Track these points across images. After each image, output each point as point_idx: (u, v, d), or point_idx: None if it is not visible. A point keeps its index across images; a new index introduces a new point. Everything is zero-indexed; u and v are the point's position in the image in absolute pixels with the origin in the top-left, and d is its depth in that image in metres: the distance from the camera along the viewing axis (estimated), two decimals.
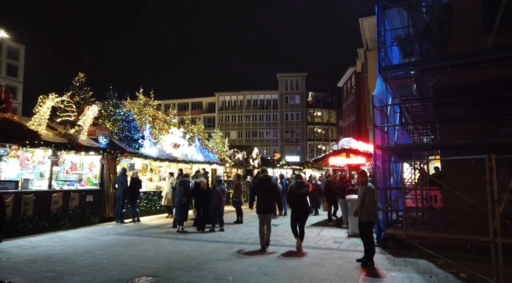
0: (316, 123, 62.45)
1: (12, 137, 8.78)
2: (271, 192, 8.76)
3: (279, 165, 27.95)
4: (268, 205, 8.68)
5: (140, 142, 13.66)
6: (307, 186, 8.65)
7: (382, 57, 10.14)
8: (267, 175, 9.19)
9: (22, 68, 61.12)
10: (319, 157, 14.71)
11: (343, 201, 11.66)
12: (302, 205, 8.58)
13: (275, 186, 9.26)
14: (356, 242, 9.19)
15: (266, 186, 8.76)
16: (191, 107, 66.11)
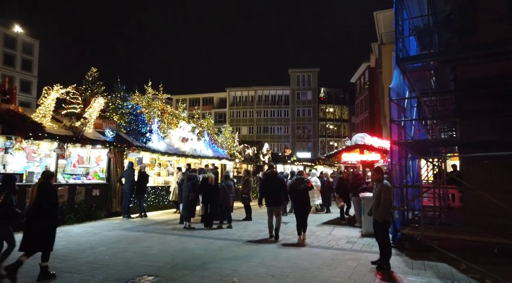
0: (328, 119, 61.65)
1: (15, 129, 8.56)
2: (277, 186, 9.10)
3: (290, 161, 27.49)
4: (275, 199, 9.07)
5: (148, 136, 13.39)
6: (307, 182, 9.01)
7: (400, 48, 9.60)
8: (274, 171, 9.58)
9: (36, 62, 61.70)
10: (331, 153, 14.21)
11: (356, 199, 11.19)
12: (301, 200, 8.98)
13: (282, 180, 9.39)
14: (370, 242, 8.74)
15: (272, 181, 9.14)
16: (202, 102, 66.00)
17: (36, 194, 5.62)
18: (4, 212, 5.44)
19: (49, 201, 5.69)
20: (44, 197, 5.62)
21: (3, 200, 5.46)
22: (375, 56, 41.52)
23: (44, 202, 5.60)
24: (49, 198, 5.69)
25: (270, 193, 9.10)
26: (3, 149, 10.60)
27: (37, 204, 5.57)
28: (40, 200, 5.58)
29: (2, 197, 5.47)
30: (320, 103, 61.33)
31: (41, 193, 5.65)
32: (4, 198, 5.48)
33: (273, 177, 9.20)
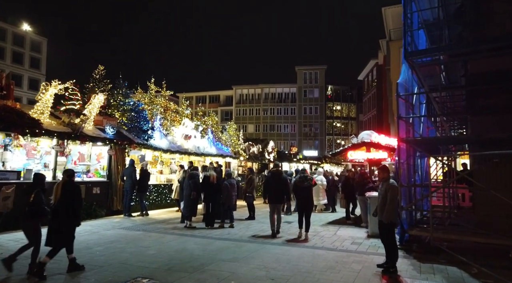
0: (336, 117, 61.08)
1: (12, 125, 8.37)
2: (281, 184, 9.32)
3: (295, 159, 27.14)
4: (278, 196, 9.35)
5: (150, 133, 13.18)
6: (310, 180, 9.27)
7: (409, 41, 9.20)
8: (279, 169, 9.88)
9: (45, 60, 62.09)
10: (337, 150, 13.85)
11: (363, 198, 10.84)
12: (304, 198, 9.19)
13: (285, 180, 9.56)
14: (376, 244, 8.40)
15: (277, 179, 9.40)
16: (209, 100, 65.81)
17: (61, 191, 5.79)
18: (35, 210, 5.65)
19: (73, 198, 5.87)
20: (68, 194, 5.79)
21: (33, 198, 5.66)
22: (383, 53, 40.93)
23: (68, 199, 5.79)
24: (72, 195, 5.87)
25: (274, 191, 9.38)
26: (2, 146, 10.46)
27: (61, 201, 5.76)
28: (64, 197, 5.76)
29: (33, 196, 5.67)
30: (327, 101, 60.75)
31: (65, 190, 5.81)
32: (35, 196, 5.68)
33: (278, 175, 9.49)
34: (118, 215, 12.09)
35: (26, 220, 5.77)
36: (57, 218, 5.74)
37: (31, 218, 5.69)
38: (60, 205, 5.76)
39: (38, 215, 5.71)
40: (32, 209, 5.64)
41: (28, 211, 5.66)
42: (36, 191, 5.72)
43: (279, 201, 9.43)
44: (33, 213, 5.66)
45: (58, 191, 5.80)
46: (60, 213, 5.74)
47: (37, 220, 5.77)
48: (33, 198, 5.65)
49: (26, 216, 5.72)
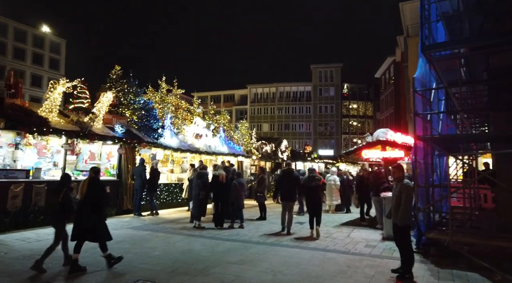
0: (352, 116, 60.15)
1: (19, 124, 8.33)
2: (292, 182, 9.51)
3: (310, 158, 26.69)
4: (289, 194, 9.56)
5: (160, 132, 13.04)
6: (318, 180, 9.35)
7: (426, 34, 8.75)
8: (290, 168, 10.14)
9: (63, 61, 63.25)
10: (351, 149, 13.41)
11: (377, 198, 10.42)
12: (313, 197, 9.32)
13: (297, 177, 9.69)
14: (391, 247, 7.98)
15: (288, 177, 9.61)
16: (224, 99, 65.78)
17: (87, 188, 5.99)
18: (63, 208, 5.94)
19: (98, 194, 6.09)
20: (94, 191, 6.00)
21: (62, 197, 5.93)
22: (400, 50, 39.98)
23: (94, 195, 6.00)
24: (98, 192, 6.10)
25: (285, 189, 9.60)
26: (13, 145, 10.48)
27: (87, 197, 5.96)
28: (90, 194, 5.96)
29: (62, 194, 5.94)
30: (343, 100, 59.89)
31: (91, 187, 6.01)
32: (64, 195, 5.95)
33: (289, 174, 9.71)
34: (128, 214, 12.00)
35: (56, 218, 6.05)
36: (83, 214, 5.95)
37: (62, 216, 6.01)
38: (86, 201, 5.97)
39: (68, 213, 6.03)
40: (62, 208, 5.93)
41: (59, 209, 5.95)
42: (65, 190, 5.99)
43: (291, 199, 9.59)
44: (63, 211, 5.96)
45: (84, 188, 6.01)
46: (86, 209, 5.94)
47: (66, 218, 6.07)
48: (62, 197, 5.92)
49: (56, 214, 6.01)
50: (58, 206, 5.94)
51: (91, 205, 5.96)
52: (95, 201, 6.01)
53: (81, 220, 5.95)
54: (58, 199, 5.93)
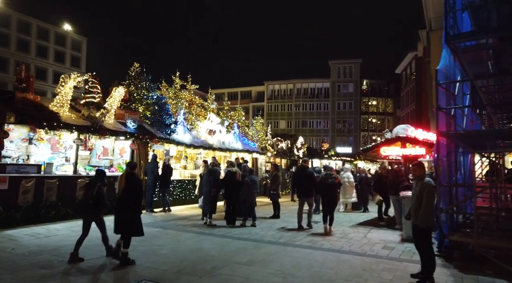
0: (371, 113, 58.97)
1: (28, 118, 8.27)
2: (307, 179, 9.65)
3: (327, 155, 26.14)
4: (305, 190, 9.70)
5: (173, 127, 12.88)
6: (335, 178, 9.50)
7: (451, 24, 8.20)
8: (305, 165, 10.23)
9: (84, 59, 64.35)
10: (368, 146, 12.89)
11: (396, 198, 9.93)
12: (329, 195, 9.42)
13: (311, 174, 9.83)
14: (411, 249, 7.53)
15: (303, 174, 9.77)
16: (240, 96, 65.57)
17: (124, 182, 6.19)
18: (97, 202, 6.21)
19: (135, 189, 6.25)
20: (130, 186, 6.18)
21: (96, 191, 6.18)
22: (422, 45, 38.84)
23: (131, 189, 6.17)
24: (134, 186, 6.25)
25: (301, 185, 9.77)
26: (27, 140, 10.50)
27: (125, 191, 6.17)
28: (127, 188, 6.15)
29: (96, 189, 6.20)
30: (362, 96, 58.76)
31: (128, 181, 6.19)
32: (98, 189, 6.20)
33: (304, 170, 9.85)
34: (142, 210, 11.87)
35: (90, 212, 6.31)
36: (121, 208, 6.18)
37: (96, 210, 6.30)
38: (123, 195, 6.18)
39: (101, 207, 6.31)
40: (96, 202, 6.20)
41: (93, 204, 6.21)
42: (99, 185, 6.25)
43: (307, 195, 9.71)
44: (96, 205, 6.23)
45: (122, 182, 6.22)
46: (124, 203, 6.16)
47: (100, 211, 6.39)
48: (96, 191, 6.18)
49: (90, 208, 6.26)
50: (92, 200, 6.19)
51: (128, 200, 6.14)
52: (132, 196, 6.18)
53: (120, 214, 6.20)
54: (92, 193, 6.20)
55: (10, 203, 8.43)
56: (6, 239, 7.40)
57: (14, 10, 53.47)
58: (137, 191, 6.33)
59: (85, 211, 6.41)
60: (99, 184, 6.29)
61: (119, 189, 6.29)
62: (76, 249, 6.19)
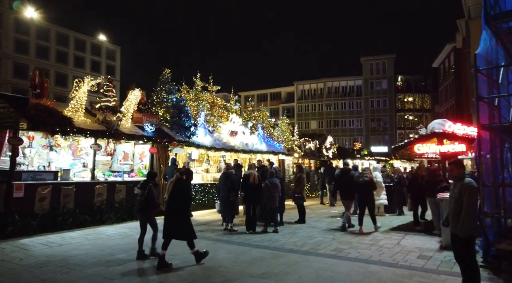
0: (407, 110, 56.45)
1: (40, 124, 8.14)
2: (349, 181, 9.77)
3: (359, 155, 24.95)
4: (346, 192, 9.84)
5: (192, 130, 12.52)
6: (366, 177, 9.55)
7: (491, 3, 7.23)
8: (347, 167, 10.49)
9: (119, 67, 66.36)
10: (400, 144, 11.87)
11: (433, 200, 8.96)
12: (360, 194, 9.56)
13: (352, 177, 9.85)
14: (451, 258, 6.58)
15: (345, 176, 10.01)
16: (270, 97, 64.97)
17: (173, 187, 6.39)
18: (148, 202, 6.56)
19: (184, 194, 6.47)
20: (178, 191, 6.37)
21: (147, 192, 6.53)
22: (461, 35, 36.57)
23: (180, 195, 6.37)
24: (182, 192, 6.43)
25: (343, 187, 9.93)
26: (47, 146, 10.50)
27: (174, 196, 6.35)
28: (175, 193, 6.35)
29: (147, 189, 6.56)
30: (397, 93, 56.38)
31: (177, 187, 6.40)
32: (148, 190, 6.55)
33: (346, 172, 10.11)
34: (161, 216, 11.55)
35: (142, 212, 6.72)
36: (170, 212, 6.39)
37: (147, 210, 6.65)
38: (173, 200, 6.36)
39: (151, 207, 6.63)
40: (147, 202, 6.54)
41: (144, 204, 6.58)
42: (149, 186, 6.58)
43: (347, 197, 9.84)
44: (147, 204, 6.56)
45: (171, 188, 6.42)
46: (173, 208, 6.37)
47: (151, 211, 6.72)
48: (147, 192, 6.52)
49: (142, 208, 6.65)
50: (144, 200, 6.55)
51: (178, 204, 6.32)
52: (181, 200, 6.38)
53: (169, 218, 6.35)
54: (144, 194, 6.56)
55: (26, 210, 8.33)
56: (19, 249, 7.24)
57: (53, 23, 56.04)
58: (186, 196, 6.57)
59: (138, 211, 6.83)
60: (150, 184, 6.61)
61: (167, 194, 6.52)
62: (140, 247, 6.65)
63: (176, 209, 6.32)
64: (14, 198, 8.18)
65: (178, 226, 6.30)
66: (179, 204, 6.35)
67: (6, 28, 49.24)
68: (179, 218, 6.31)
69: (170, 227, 6.28)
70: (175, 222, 6.30)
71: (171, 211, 6.38)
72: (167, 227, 6.30)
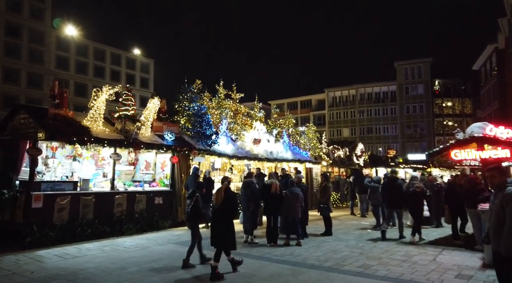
0: (446, 115, 53.74)
1: (57, 134, 8.12)
2: (397, 190, 9.61)
3: (393, 163, 23.71)
4: (395, 201, 9.60)
5: (214, 138, 12.24)
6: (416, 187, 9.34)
7: None
8: (394, 176, 10.31)
9: (152, 80, 68.36)
10: (435, 150, 10.94)
11: (474, 211, 8.06)
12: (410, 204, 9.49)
13: (400, 185, 9.76)
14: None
15: (393, 184, 9.81)
16: (300, 106, 64.17)
17: (221, 197, 6.42)
18: (194, 211, 6.72)
19: (230, 203, 6.51)
20: (226, 200, 6.40)
21: (194, 201, 6.72)
22: (504, 35, 34.44)
23: (226, 204, 6.39)
24: (230, 201, 6.49)
25: (392, 195, 9.70)
26: (71, 157, 10.56)
27: (221, 205, 6.37)
28: (223, 202, 6.38)
29: (194, 199, 6.74)
30: (435, 97, 53.87)
31: (225, 196, 6.42)
32: (195, 200, 6.73)
33: (394, 180, 9.96)
34: (183, 226, 11.30)
35: (190, 220, 6.85)
36: (217, 221, 6.42)
37: (195, 218, 6.77)
38: (220, 209, 6.38)
39: (198, 216, 6.76)
40: (194, 211, 6.70)
41: (191, 213, 6.75)
42: (197, 196, 6.74)
43: (397, 206, 9.60)
44: (194, 214, 6.72)
45: (219, 196, 6.43)
46: (220, 216, 6.39)
47: (198, 220, 6.83)
48: (194, 201, 6.70)
49: (190, 216, 6.80)
50: (191, 209, 6.68)
51: (224, 214, 6.36)
52: (227, 209, 6.39)
53: (215, 226, 6.41)
54: (191, 204, 6.73)
55: (45, 221, 8.29)
56: (33, 261, 7.14)
57: (91, 40, 58.74)
58: (232, 205, 6.59)
59: (186, 219, 6.99)
60: (197, 194, 6.76)
61: (215, 202, 6.49)
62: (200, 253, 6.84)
63: (222, 218, 6.35)
64: (32, 209, 8.17)
65: (222, 234, 6.32)
66: (226, 213, 6.38)
67: (49, 46, 52.06)
68: (223, 227, 6.35)
69: (214, 236, 6.35)
70: (219, 231, 6.34)
71: (217, 219, 6.41)
72: (212, 237, 6.37)
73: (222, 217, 6.35)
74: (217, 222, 6.39)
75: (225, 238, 6.32)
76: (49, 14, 52.53)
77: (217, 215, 6.41)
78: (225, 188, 6.53)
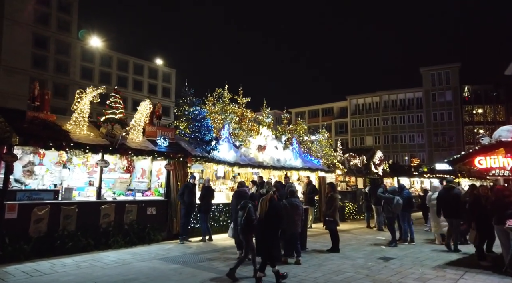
0: (477, 122, 50.87)
1: (31, 138, 7.53)
2: (454, 200, 9.29)
3: (417, 173, 22.12)
4: (452, 210, 9.29)
5: (213, 144, 11.44)
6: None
7: None
8: (450, 185, 9.92)
9: (174, 89, 68.92)
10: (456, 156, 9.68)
11: (502, 228, 6.83)
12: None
13: (457, 195, 9.45)
14: None
15: (450, 194, 9.45)
16: (322, 113, 62.69)
17: (266, 206, 6.35)
18: (247, 223, 6.48)
19: (276, 213, 6.39)
20: (271, 210, 6.34)
21: (247, 213, 6.49)
22: None
23: (271, 214, 6.31)
24: (275, 210, 6.39)
25: (447, 205, 9.40)
26: (60, 163, 10.02)
27: (266, 215, 6.31)
28: (268, 212, 6.31)
29: (246, 210, 6.52)
30: (464, 104, 51.23)
31: (270, 205, 6.38)
32: (248, 211, 6.51)
33: (450, 190, 9.62)
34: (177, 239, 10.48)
35: (243, 232, 6.61)
36: (261, 230, 6.39)
37: (247, 230, 6.53)
38: (265, 219, 6.31)
39: (250, 228, 6.50)
40: (246, 223, 6.47)
41: (244, 224, 6.52)
42: (249, 207, 6.55)
43: (454, 216, 9.27)
44: (247, 226, 6.49)
45: (264, 206, 6.37)
46: (264, 226, 6.32)
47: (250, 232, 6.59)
48: (247, 213, 6.49)
49: (243, 228, 6.58)
50: (244, 221, 6.48)
51: (270, 224, 6.30)
52: (272, 219, 6.30)
53: (260, 237, 6.43)
54: (244, 215, 6.51)
55: (19, 233, 7.65)
56: None
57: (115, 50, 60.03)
58: (278, 215, 6.42)
59: (240, 231, 6.75)
60: (249, 205, 6.57)
61: (260, 212, 6.42)
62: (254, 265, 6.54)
63: (267, 228, 6.28)
64: (5, 220, 7.56)
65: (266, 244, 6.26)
66: (271, 223, 6.30)
67: (74, 57, 53.45)
68: (268, 238, 6.28)
69: (261, 245, 6.35)
70: (263, 241, 6.32)
71: (262, 229, 6.34)
72: (258, 247, 6.40)
73: (266, 227, 6.29)
74: (262, 233, 6.37)
75: (271, 248, 6.23)
76: (75, 26, 54.04)
77: (262, 225, 6.36)
78: (270, 198, 6.47)
